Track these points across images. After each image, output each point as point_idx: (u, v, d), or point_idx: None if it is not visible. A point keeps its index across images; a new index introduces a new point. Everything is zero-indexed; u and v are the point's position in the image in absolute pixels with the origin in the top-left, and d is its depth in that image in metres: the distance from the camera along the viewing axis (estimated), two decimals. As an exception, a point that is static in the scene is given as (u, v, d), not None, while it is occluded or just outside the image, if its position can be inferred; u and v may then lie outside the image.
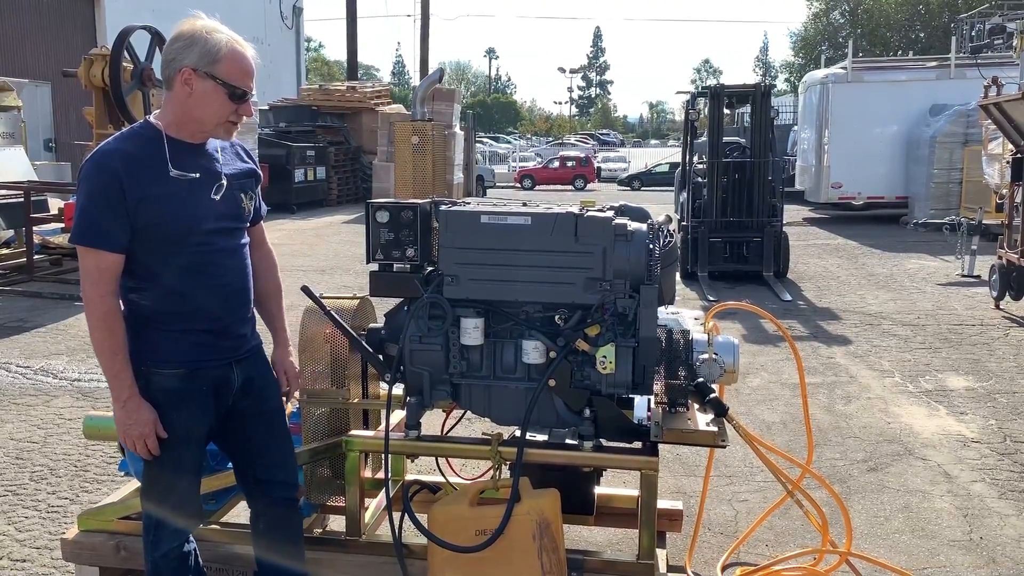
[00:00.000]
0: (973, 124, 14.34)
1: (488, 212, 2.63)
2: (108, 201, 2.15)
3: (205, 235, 2.27)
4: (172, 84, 2.24)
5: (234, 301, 2.37)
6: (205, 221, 2.27)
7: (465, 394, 2.77)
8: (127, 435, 2.24)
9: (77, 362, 6.41)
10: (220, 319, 2.33)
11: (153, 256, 2.23)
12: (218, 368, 2.35)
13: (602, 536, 3.62)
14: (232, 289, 2.36)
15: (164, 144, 2.23)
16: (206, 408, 2.35)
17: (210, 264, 2.29)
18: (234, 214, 2.37)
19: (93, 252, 2.17)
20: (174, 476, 2.35)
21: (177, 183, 2.22)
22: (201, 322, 2.29)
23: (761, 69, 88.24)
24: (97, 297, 2.18)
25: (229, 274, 2.34)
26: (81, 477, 4.29)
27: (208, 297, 2.29)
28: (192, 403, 2.31)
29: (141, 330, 2.27)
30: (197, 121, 2.26)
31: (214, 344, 2.33)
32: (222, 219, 2.32)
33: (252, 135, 12.83)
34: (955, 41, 18.12)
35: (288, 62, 27.90)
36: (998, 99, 8.66)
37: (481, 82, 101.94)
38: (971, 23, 23.59)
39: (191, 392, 2.30)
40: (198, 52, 2.19)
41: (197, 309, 2.28)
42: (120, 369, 2.21)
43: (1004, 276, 8.52)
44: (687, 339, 2.75)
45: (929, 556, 3.57)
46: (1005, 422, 5.24)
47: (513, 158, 38.31)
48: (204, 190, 2.28)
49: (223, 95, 2.23)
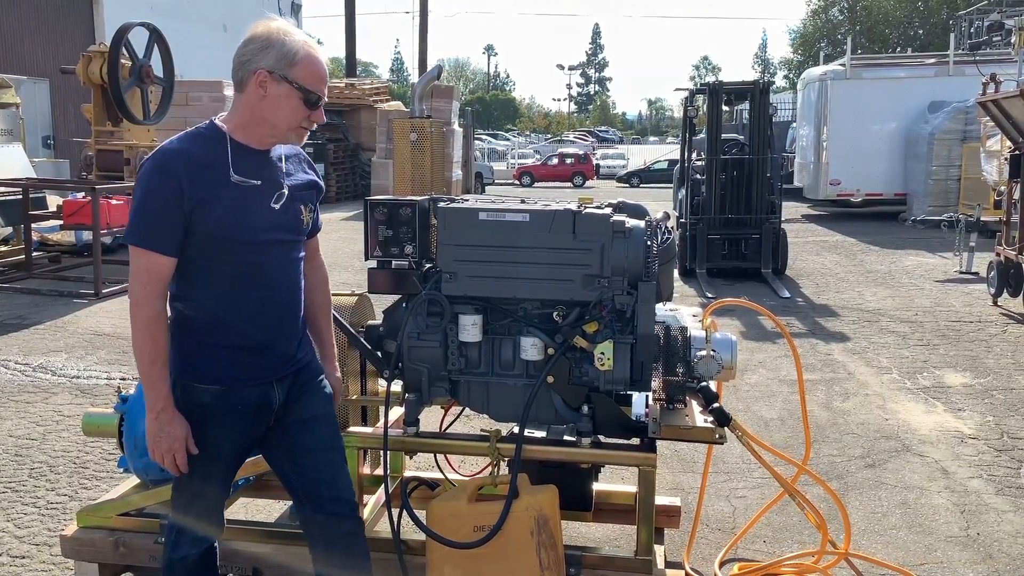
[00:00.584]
0: (972, 121, 14.35)
1: (486, 209, 2.64)
2: (166, 203, 2.08)
3: (260, 245, 2.19)
4: (244, 86, 2.16)
5: (283, 316, 2.28)
6: (262, 231, 2.19)
7: (464, 391, 2.78)
8: (156, 447, 2.16)
9: (76, 359, 6.41)
10: (267, 334, 2.25)
11: (204, 264, 2.16)
12: (257, 387, 2.25)
13: (600, 532, 3.63)
14: (282, 303, 2.27)
15: (228, 147, 2.16)
16: (241, 427, 2.28)
17: (262, 276, 2.22)
18: (292, 226, 2.27)
19: (145, 253, 2.10)
20: (202, 485, 2.30)
21: (237, 189, 2.15)
22: (245, 337, 2.21)
23: (760, 66, 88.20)
24: (144, 300, 2.11)
25: (280, 288, 2.26)
26: (80, 474, 4.29)
27: (256, 310, 2.21)
28: (226, 421, 2.24)
29: (183, 341, 2.20)
30: (269, 125, 2.19)
31: (255, 363, 2.24)
32: (279, 230, 2.23)
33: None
34: (954, 38, 18.12)
35: (287, 59, 27.90)
36: (996, 96, 8.66)
37: (480, 79, 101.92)
38: (970, 20, 23.58)
39: (225, 410, 2.23)
40: (275, 54, 2.12)
41: (243, 322, 2.20)
42: (157, 378, 2.13)
43: (1002, 273, 8.53)
44: (685, 336, 2.76)
45: (926, 552, 3.58)
46: (1002, 418, 5.25)
47: (512, 155, 38.31)
48: (264, 199, 2.20)
49: (297, 99, 2.16)
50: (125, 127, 10.61)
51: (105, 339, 7.03)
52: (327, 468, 2.39)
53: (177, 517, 2.34)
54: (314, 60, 2.17)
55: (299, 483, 2.39)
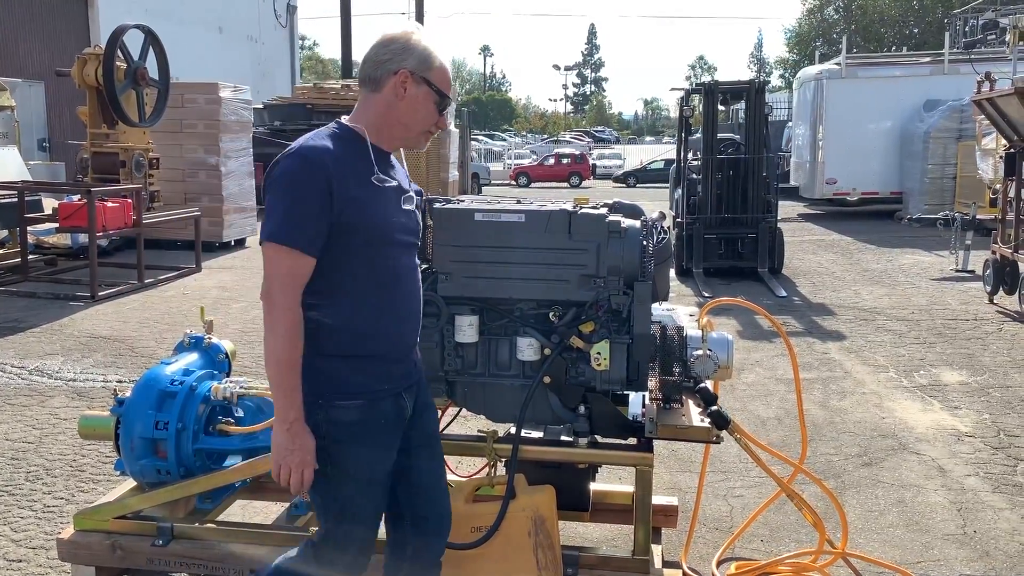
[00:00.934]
0: (967, 119, 14.38)
1: (482, 209, 2.64)
2: (316, 200, 1.99)
3: (397, 248, 2.15)
4: (382, 86, 2.13)
5: (413, 323, 2.22)
6: (398, 232, 2.15)
7: (460, 391, 2.78)
8: (285, 462, 2.00)
9: (72, 362, 6.40)
10: (401, 341, 2.18)
11: (347, 268, 2.06)
12: (394, 397, 2.16)
13: (598, 532, 3.63)
14: (411, 310, 2.20)
15: (368, 147, 2.12)
16: (387, 443, 2.16)
17: (400, 280, 2.16)
18: (414, 230, 2.24)
19: (290, 253, 1.98)
20: (352, 525, 2.16)
21: (377, 189, 2.11)
22: (383, 345, 2.12)
23: (755, 65, 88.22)
24: (287, 304, 1.98)
25: (410, 294, 2.20)
26: (77, 477, 4.28)
27: (392, 317, 2.14)
28: (374, 438, 2.12)
29: (319, 355, 2.06)
30: (403, 126, 2.16)
31: (390, 372, 2.15)
32: (409, 233, 2.20)
33: (246, 134, 12.79)
34: (949, 37, 18.13)
35: (282, 60, 27.84)
36: (991, 95, 8.68)
37: (476, 80, 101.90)
38: (964, 19, 23.63)
39: (371, 425, 2.11)
40: (417, 57, 2.12)
41: (381, 329, 2.12)
42: (294, 386, 1.99)
43: (998, 271, 8.55)
44: (681, 335, 2.76)
45: (923, 550, 3.58)
46: (999, 416, 5.26)
47: (508, 155, 38.33)
48: (396, 200, 2.17)
49: (432, 102, 2.15)
50: (121, 129, 10.59)
51: (101, 342, 7.02)
52: (437, 491, 2.34)
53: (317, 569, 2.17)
54: (446, 66, 2.20)
55: (406, 502, 2.28)
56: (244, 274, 10.42)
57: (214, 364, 3.23)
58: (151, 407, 2.92)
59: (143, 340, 7.07)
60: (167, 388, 2.96)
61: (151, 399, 2.93)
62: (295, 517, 3.05)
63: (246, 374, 5.74)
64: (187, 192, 12.09)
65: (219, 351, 3.27)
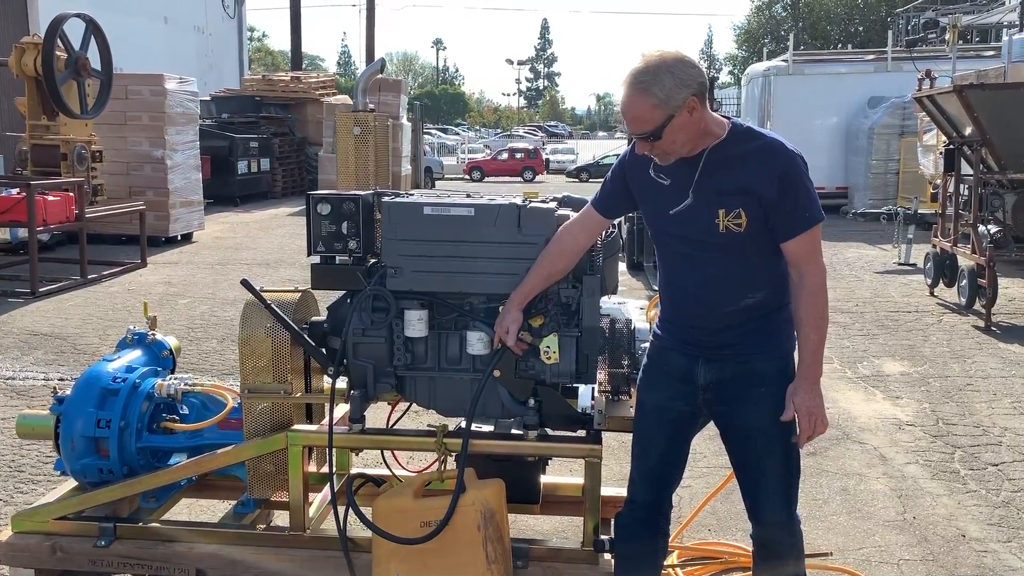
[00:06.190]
0: (909, 116, 14.74)
1: (431, 203, 2.63)
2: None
3: (667, 237, 2.41)
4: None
5: (690, 306, 2.42)
6: (669, 224, 2.37)
7: (410, 386, 2.77)
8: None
9: (11, 360, 6.22)
10: (679, 314, 2.46)
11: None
12: (679, 357, 2.46)
13: (548, 524, 3.65)
14: (688, 295, 2.41)
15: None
16: (665, 386, 2.48)
17: (674, 264, 2.44)
18: (697, 227, 2.31)
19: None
20: (636, 447, 2.56)
21: (652, 182, 2.37)
22: (667, 310, 2.50)
23: (706, 61, 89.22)
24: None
25: (686, 280, 2.41)
26: (16, 478, 4.17)
27: (670, 292, 2.48)
28: (649, 375, 2.53)
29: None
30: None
31: (676, 335, 2.47)
32: (684, 227, 2.34)
33: (193, 126, 12.55)
34: (891, 35, 18.56)
35: (230, 52, 27.30)
36: (931, 92, 8.91)
37: (429, 73, 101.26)
38: (907, 17, 24.21)
39: (650, 366, 2.53)
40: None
41: (665, 297, 2.51)
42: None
43: (938, 264, 8.79)
44: (630, 328, 2.79)
45: (865, 536, 3.67)
46: (938, 405, 5.41)
47: (462, 150, 38.19)
48: (666, 197, 2.35)
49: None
50: (61, 121, 10.30)
51: (41, 339, 6.83)
52: (754, 484, 2.49)
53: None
54: None
55: (744, 492, 2.52)
56: (190, 269, 10.23)
57: (158, 361, 3.16)
58: (92, 405, 2.85)
59: (85, 337, 6.90)
60: (109, 385, 2.89)
61: (92, 397, 2.86)
62: (241, 515, 3.01)
63: (191, 371, 5.64)
64: (132, 185, 11.82)
65: (163, 347, 3.21)
